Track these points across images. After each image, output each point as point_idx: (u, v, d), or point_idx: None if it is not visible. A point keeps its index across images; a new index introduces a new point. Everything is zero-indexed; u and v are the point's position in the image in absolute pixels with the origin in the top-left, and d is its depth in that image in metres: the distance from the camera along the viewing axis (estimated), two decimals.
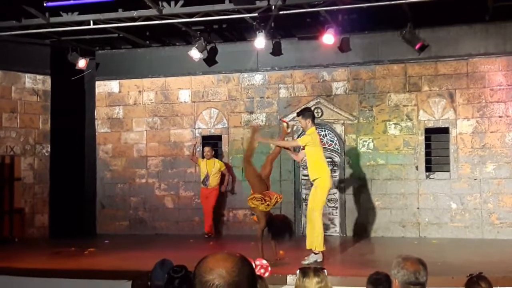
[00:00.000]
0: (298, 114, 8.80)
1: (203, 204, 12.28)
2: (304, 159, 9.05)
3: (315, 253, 8.37)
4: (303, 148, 8.67)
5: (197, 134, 12.91)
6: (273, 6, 10.11)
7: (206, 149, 12.21)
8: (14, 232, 12.03)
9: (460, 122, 11.53)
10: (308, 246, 8.44)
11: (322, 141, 12.25)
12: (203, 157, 12.35)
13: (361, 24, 11.53)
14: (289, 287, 6.96)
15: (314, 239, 8.36)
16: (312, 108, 12.20)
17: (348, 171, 12.04)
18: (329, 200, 12.17)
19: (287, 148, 9.11)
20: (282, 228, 8.69)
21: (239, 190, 12.32)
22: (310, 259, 8.30)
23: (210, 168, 12.04)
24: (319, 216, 8.41)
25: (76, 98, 13.33)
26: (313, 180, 8.57)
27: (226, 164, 12.48)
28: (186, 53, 11.88)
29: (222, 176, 12.29)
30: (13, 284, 7.91)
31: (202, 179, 12.22)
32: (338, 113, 12.12)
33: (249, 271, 1.95)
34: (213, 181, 12.12)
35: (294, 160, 12.23)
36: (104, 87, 13.52)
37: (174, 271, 3.74)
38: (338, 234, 12.07)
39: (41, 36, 12.00)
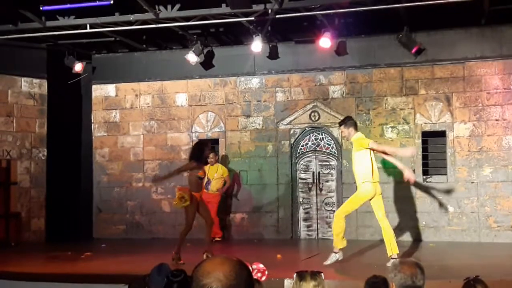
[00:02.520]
0: (340, 124, 8.81)
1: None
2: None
3: (335, 252, 8.50)
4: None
5: (194, 138, 12.90)
6: (269, 10, 10.12)
7: (211, 155, 12.02)
8: (11, 236, 12.00)
9: (457, 125, 11.54)
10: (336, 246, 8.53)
11: (319, 145, 12.33)
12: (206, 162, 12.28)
13: (358, 27, 11.55)
14: None
15: (335, 237, 8.51)
16: (309, 112, 12.26)
17: (345, 175, 12.03)
18: (326, 204, 12.20)
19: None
20: None
21: (239, 194, 12.32)
22: (331, 259, 8.43)
23: (213, 173, 11.93)
24: (343, 217, 8.49)
25: (73, 102, 13.32)
26: (359, 184, 8.52)
27: (235, 174, 12.42)
28: (183, 57, 11.88)
29: (224, 182, 12.22)
30: None
31: (204, 183, 12.16)
32: (335, 117, 12.11)
33: (247, 275, 1.95)
34: (215, 186, 12.05)
35: (291, 164, 12.28)
36: (100, 91, 13.51)
37: (173, 275, 3.73)
38: None
39: (38, 40, 11.99)
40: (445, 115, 11.61)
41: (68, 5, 10.36)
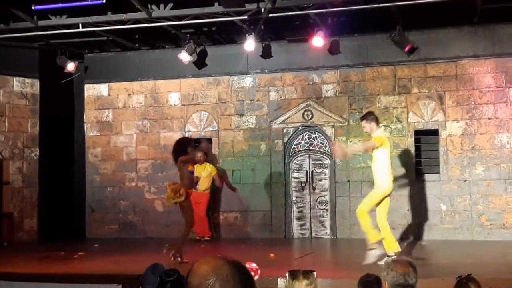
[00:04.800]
0: (362, 119, 8.80)
1: (193, 207, 12.20)
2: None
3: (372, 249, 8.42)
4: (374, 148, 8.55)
5: None
6: (262, 9, 10.12)
7: (198, 154, 11.98)
8: (3, 236, 11.95)
9: (450, 124, 11.57)
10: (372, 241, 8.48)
11: (312, 144, 12.33)
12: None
13: (351, 26, 11.56)
14: None
15: (367, 234, 8.49)
16: (302, 111, 12.27)
17: (339, 173, 12.04)
18: (319, 203, 12.21)
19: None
20: None
21: (230, 193, 12.28)
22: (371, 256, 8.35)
23: (201, 172, 11.90)
24: (366, 213, 8.51)
25: (65, 102, 13.27)
26: (377, 181, 8.56)
27: (223, 173, 12.39)
28: (175, 56, 11.86)
29: (214, 181, 12.18)
30: None
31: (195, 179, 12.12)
32: (328, 116, 12.13)
33: (229, 274, 1.93)
34: (203, 185, 12.01)
35: (285, 163, 12.28)
36: (93, 90, 13.47)
37: (166, 274, 3.72)
38: (328, 236, 12.08)
39: (30, 39, 11.95)
40: (437, 113, 11.64)
41: (60, 5, 10.32)
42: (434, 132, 11.71)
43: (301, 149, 12.36)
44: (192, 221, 9.02)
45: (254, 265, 4.48)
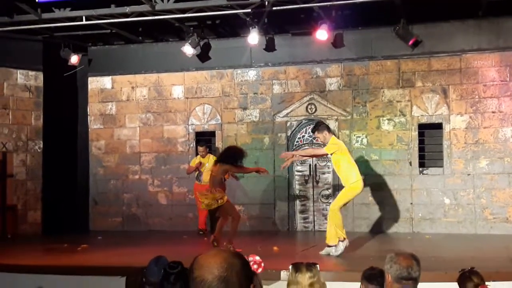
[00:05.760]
0: (313, 131, 9.03)
1: (197, 199, 12.23)
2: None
3: (329, 246, 8.60)
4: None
5: (191, 130, 12.89)
6: (266, 2, 10.10)
7: (201, 148, 11.97)
8: (7, 228, 11.99)
9: (454, 117, 11.55)
10: (327, 241, 8.66)
11: (315, 138, 12.29)
12: (196, 154, 12.27)
13: (355, 20, 11.53)
14: (282, 283, 6.96)
15: (332, 233, 8.61)
16: (306, 105, 12.26)
17: None
18: (322, 196, 12.21)
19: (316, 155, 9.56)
20: None
21: (233, 187, 12.29)
22: (329, 250, 8.56)
23: (204, 163, 11.92)
24: (337, 211, 8.63)
25: (69, 94, 13.27)
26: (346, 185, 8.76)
27: None
28: (179, 49, 11.84)
29: None
30: (6, 280, 7.88)
31: (196, 175, 12.15)
32: (332, 109, 12.12)
33: (240, 266, 2.00)
34: (206, 176, 12.00)
35: None
36: (96, 83, 13.47)
37: (170, 267, 3.74)
38: None
39: (33, 32, 11.94)
40: (441, 107, 11.61)
41: None
42: (438, 126, 11.69)
43: (304, 142, 12.35)
44: (237, 214, 9.61)
45: (257, 258, 4.48)
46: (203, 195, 9.39)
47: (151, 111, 13.16)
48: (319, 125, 8.91)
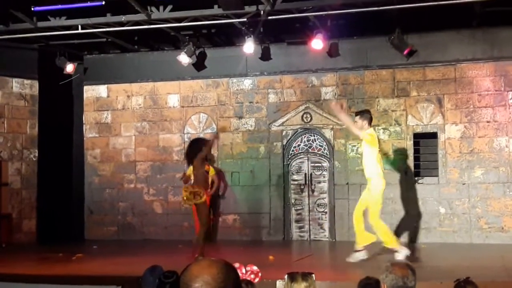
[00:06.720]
0: (357, 114, 9.07)
1: (193, 208, 12.19)
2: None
3: (395, 251, 8.66)
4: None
5: (186, 139, 12.88)
6: (262, 11, 10.13)
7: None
8: (2, 237, 11.94)
9: (448, 127, 11.58)
10: (389, 246, 8.79)
11: (311, 146, 12.33)
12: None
13: (350, 29, 11.58)
14: None
15: (389, 238, 8.79)
16: (301, 114, 12.27)
17: (337, 176, 12.05)
18: (318, 205, 12.21)
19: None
20: None
21: (229, 195, 12.31)
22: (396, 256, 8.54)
23: None
24: (378, 221, 8.76)
25: (64, 103, 13.26)
26: (367, 179, 8.94)
27: (220, 172, 12.38)
28: (174, 58, 11.86)
29: (212, 182, 12.17)
30: None
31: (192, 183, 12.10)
32: (327, 118, 12.14)
33: (234, 277, 1.98)
34: None
35: (283, 165, 12.29)
36: (92, 92, 13.47)
37: (165, 276, 3.73)
38: (327, 239, 12.08)
39: (29, 40, 11.94)
40: (436, 116, 11.65)
41: (60, 6, 10.33)
42: (433, 135, 11.72)
43: (300, 151, 12.36)
44: (207, 222, 9.28)
45: (255, 267, 4.48)
46: (184, 189, 9.17)
47: (146, 120, 13.15)
48: (365, 113, 9.04)
